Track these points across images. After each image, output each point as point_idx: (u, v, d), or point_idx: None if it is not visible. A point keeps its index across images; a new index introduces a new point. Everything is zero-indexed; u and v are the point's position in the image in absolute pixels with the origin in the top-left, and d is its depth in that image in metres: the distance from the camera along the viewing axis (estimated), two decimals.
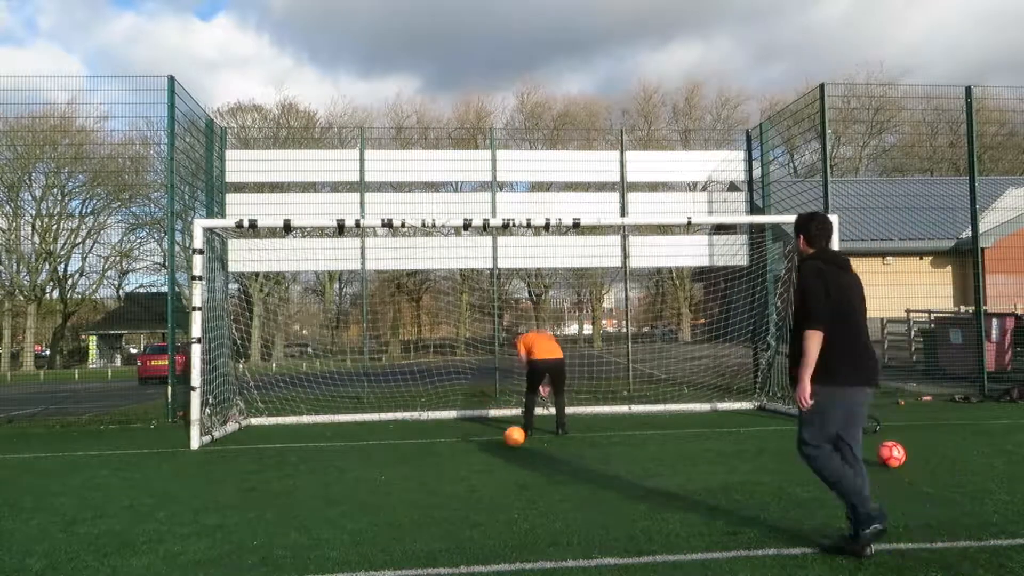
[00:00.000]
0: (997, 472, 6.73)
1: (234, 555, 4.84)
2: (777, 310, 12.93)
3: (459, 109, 54.67)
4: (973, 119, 13.57)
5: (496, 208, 14.06)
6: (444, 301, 16.95)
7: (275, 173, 14.77)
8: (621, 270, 14.63)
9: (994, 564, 4.29)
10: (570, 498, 6.15)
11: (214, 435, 10.37)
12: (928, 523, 5.11)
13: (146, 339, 49.95)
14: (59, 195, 49.74)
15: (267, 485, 7.05)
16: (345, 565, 4.57)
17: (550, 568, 4.42)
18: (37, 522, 5.83)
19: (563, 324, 34.77)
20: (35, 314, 50.04)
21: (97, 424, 12.49)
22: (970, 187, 13.55)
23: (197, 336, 10.13)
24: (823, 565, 4.32)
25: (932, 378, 14.78)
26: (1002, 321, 14.85)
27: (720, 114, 55.78)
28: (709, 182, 14.75)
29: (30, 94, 15.29)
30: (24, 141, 38.68)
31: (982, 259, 13.66)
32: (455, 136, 40.68)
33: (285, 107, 49.58)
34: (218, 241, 12.44)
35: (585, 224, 11.39)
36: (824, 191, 12.52)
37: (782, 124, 15.00)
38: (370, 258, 14.07)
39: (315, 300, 36.44)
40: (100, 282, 54.56)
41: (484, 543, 4.94)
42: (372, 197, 14.40)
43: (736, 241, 14.44)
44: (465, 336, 21.04)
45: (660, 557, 4.54)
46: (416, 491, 6.58)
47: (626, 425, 10.63)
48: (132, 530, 5.51)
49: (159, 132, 18.57)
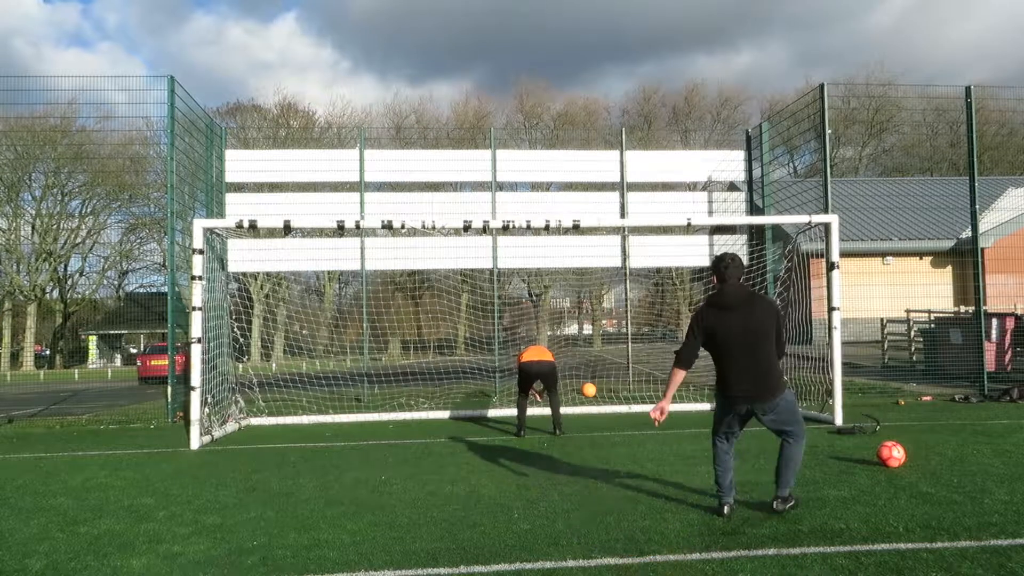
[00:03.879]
0: (997, 472, 6.73)
1: (234, 555, 4.84)
2: None
3: (458, 110, 54.65)
4: (973, 119, 13.56)
5: (496, 208, 14.06)
6: (444, 301, 16.91)
7: (275, 173, 14.78)
8: (621, 270, 14.63)
9: (994, 564, 4.29)
10: (570, 498, 6.15)
11: (214, 435, 10.37)
12: (928, 523, 5.12)
13: (146, 339, 49.95)
14: (59, 195, 49.77)
15: (267, 485, 7.04)
16: (345, 565, 4.58)
17: (550, 568, 4.43)
18: (37, 522, 5.83)
19: (563, 324, 34.72)
20: (35, 314, 50.06)
21: (97, 424, 12.49)
22: (970, 187, 13.55)
23: (197, 336, 10.13)
24: (823, 565, 4.32)
25: (932, 378, 14.78)
26: (1002, 321, 14.85)
27: (720, 114, 55.77)
28: (709, 182, 14.75)
29: (31, 94, 15.25)
30: (24, 141, 38.69)
31: (982, 259, 13.65)
32: (454, 136, 40.69)
33: (284, 107, 49.60)
34: (218, 241, 12.44)
35: (585, 225, 11.39)
36: (824, 191, 12.52)
37: (782, 124, 15.01)
38: (370, 258, 14.07)
39: (315, 300, 36.44)
40: (100, 282, 54.68)
41: (484, 543, 4.94)
42: (372, 197, 14.40)
43: (736, 241, 14.43)
44: (465, 336, 21.03)
45: (660, 557, 4.54)
46: (416, 491, 6.58)
47: (626, 425, 10.63)
48: (132, 530, 5.51)
49: (159, 132, 18.57)
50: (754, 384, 5.22)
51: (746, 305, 5.25)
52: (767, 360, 5.23)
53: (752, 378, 5.22)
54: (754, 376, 5.22)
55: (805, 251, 12.40)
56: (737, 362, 5.24)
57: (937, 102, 25.31)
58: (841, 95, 45.46)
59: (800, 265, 12.30)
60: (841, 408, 10.18)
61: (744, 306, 5.25)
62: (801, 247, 12.35)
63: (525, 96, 55.55)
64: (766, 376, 5.23)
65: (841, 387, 10.28)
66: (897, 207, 27.80)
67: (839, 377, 10.25)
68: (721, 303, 5.30)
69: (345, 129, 45.39)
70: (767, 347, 5.22)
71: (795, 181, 17.48)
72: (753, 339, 5.20)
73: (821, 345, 11.30)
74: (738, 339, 5.21)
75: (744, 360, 5.22)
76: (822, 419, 10.43)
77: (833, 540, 4.79)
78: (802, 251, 12.34)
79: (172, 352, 12.63)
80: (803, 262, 12.35)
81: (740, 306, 5.25)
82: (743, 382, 5.24)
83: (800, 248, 12.34)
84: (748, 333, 5.20)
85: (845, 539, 4.81)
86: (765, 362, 5.22)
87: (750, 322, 5.20)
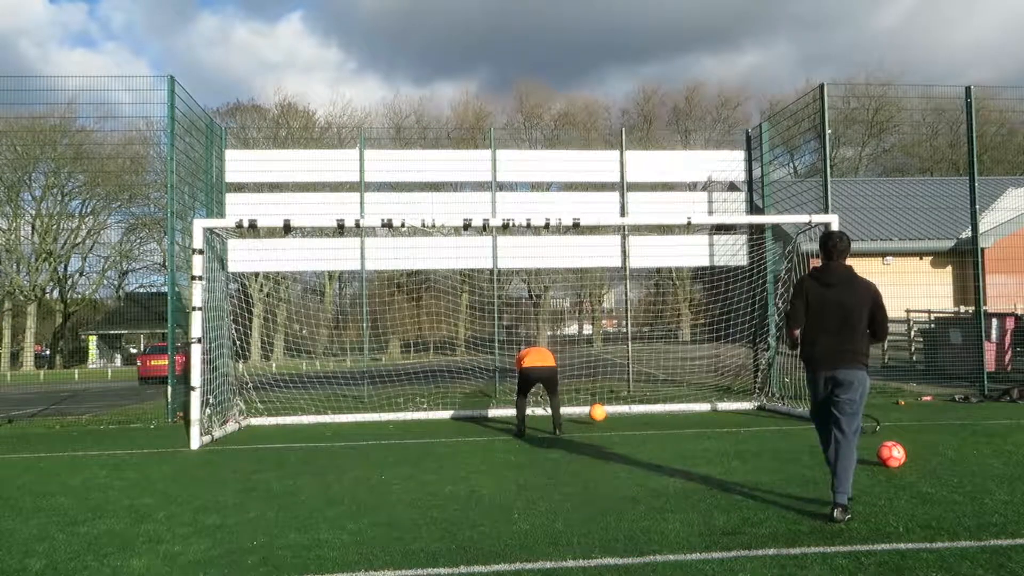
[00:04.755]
0: (997, 472, 6.73)
1: (234, 555, 4.84)
2: (777, 310, 12.92)
3: (459, 110, 54.66)
4: (973, 119, 13.56)
5: (496, 208, 14.05)
6: (444, 301, 16.91)
7: (275, 173, 14.77)
8: (621, 270, 14.63)
9: (994, 564, 4.29)
10: (570, 498, 6.15)
11: (214, 435, 10.37)
12: (928, 523, 5.12)
13: (146, 339, 49.95)
14: (59, 195, 49.76)
15: (267, 485, 7.05)
16: (345, 565, 4.57)
17: (550, 568, 4.42)
18: (37, 522, 5.83)
19: (563, 324, 34.71)
20: (35, 314, 50.05)
21: (97, 424, 12.49)
22: (970, 187, 13.55)
23: (197, 336, 10.13)
24: (823, 565, 4.32)
25: (932, 378, 14.78)
26: (1002, 321, 14.85)
27: (720, 114, 55.76)
28: (709, 182, 14.74)
29: (32, 94, 15.25)
30: (24, 141, 38.68)
31: (982, 259, 13.65)
32: (454, 136, 40.68)
33: (284, 107, 49.58)
34: (218, 241, 12.44)
35: (585, 224, 11.38)
36: (824, 191, 12.52)
37: (782, 124, 15.00)
38: (370, 258, 14.06)
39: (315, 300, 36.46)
40: (100, 282, 54.65)
41: (484, 543, 4.94)
42: (372, 197, 14.38)
43: (736, 241, 14.43)
44: (465, 336, 21.03)
45: (660, 557, 4.54)
46: (416, 491, 6.58)
47: (626, 425, 10.63)
48: (132, 530, 5.51)
49: (159, 132, 18.58)
50: (838, 356, 5.44)
51: (845, 284, 5.50)
52: (854, 338, 5.45)
53: (837, 352, 5.44)
54: (839, 351, 5.44)
55: (805, 251, 12.39)
56: (826, 335, 5.48)
57: (937, 102, 25.28)
58: (841, 95, 45.42)
59: (800, 265, 12.29)
60: None
61: (843, 284, 5.50)
62: (801, 247, 12.35)
63: (525, 96, 55.58)
64: (850, 352, 5.44)
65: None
66: (897, 207, 27.79)
67: None
68: (822, 279, 5.58)
69: (345, 129, 45.39)
70: (858, 326, 5.45)
71: (795, 181, 17.46)
72: (846, 316, 5.43)
73: None
74: (832, 314, 5.45)
75: (833, 335, 5.45)
76: None
77: (833, 540, 4.79)
78: (802, 251, 12.34)
79: (172, 352, 12.63)
80: (803, 262, 12.34)
81: (839, 284, 5.50)
82: (828, 355, 5.47)
83: (800, 248, 12.34)
84: (842, 309, 5.45)
85: (845, 539, 4.81)
86: (851, 339, 5.44)
87: (846, 300, 5.45)
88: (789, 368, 12.81)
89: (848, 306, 5.46)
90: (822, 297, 5.52)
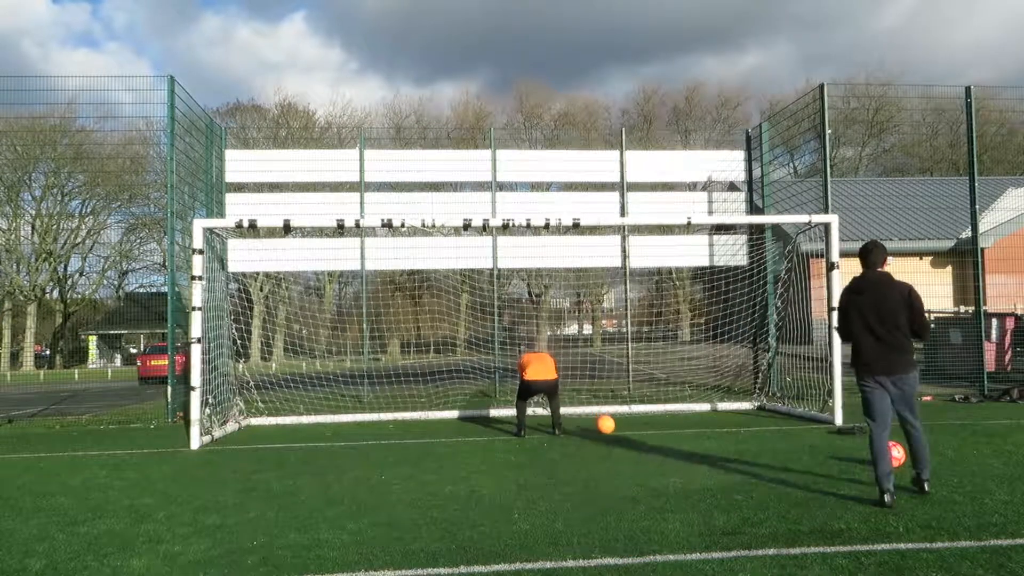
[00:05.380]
0: (997, 472, 6.73)
1: (234, 555, 4.84)
2: (777, 310, 12.92)
3: (459, 110, 54.64)
4: (973, 119, 13.56)
5: (496, 208, 14.05)
6: (444, 301, 16.90)
7: (275, 173, 14.77)
8: (621, 270, 14.63)
9: (994, 564, 4.29)
10: (570, 498, 6.15)
11: (214, 435, 10.37)
12: (928, 523, 5.12)
13: (146, 339, 49.94)
14: (59, 195, 49.75)
15: (267, 485, 7.05)
16: (345, 565, 4.57)
17: (550, 568, 4.42)
18: (37, 522, 5.83)
19: (563, 324, 34.72)
20: (35, 314, 50.04)
21: (97, 424, 12.50)
22: (970, 187, 13.55)
23: (197, 336, 10.13)
24: (823, 565, 4.32)
25: (932, 378, 14.78)
26: (1002, 321, 14.86)
27: (720, 114, 55.76)
28: (709, 182, 14.74)
29: (32, 94, 15.23)
30: (24, 141, 38.67)
31: (982, 259, 13.65)
32: (454, 136, 40.68)
33: (284, 107, 49.57)
34: (218, 241, 12.44)
35: (585, 224, 11.38)
36: (824, 191, 12.52)
37: (782, 124, 15.00)
38: (370, 258, 14.06)
39: (315, 300, 36.48)
40: (100, 282, 54.64)
41: (484, 543, 4.94)
42: (372, 197, 14.38)
43: (736, 241, 14.43)
44: (465, 336, 21.03)
45: (660, 557, 4.54)
46: (416, 491, 6.58)
47: (626, 425, 10.63)
48: (132, 530, 5.51)
49: (159, 132, 18.59)
50: (884, 359, 5.78)
51: (876, 289, 5.83)
52: (896, 339, 5.76)
53: (881, 353, 5.78)
54: (882, 352, 5.78)
55: (805, 251, 12.40)
56: (868, 339, 5.82)
57: (937, 102, 25.28)
58: (841, 95, 45.42)
59: (800, 265, 12.30)
60: (841, 408, 10.18)
61: (872, 289, 5.84)
62: (801, 247, 12.35)
63: (525, 96, 55.57)
64: (896, 352, 5.77)
65: (841, 387, 10.28)
66: (897, 207, 27.82)
67: (839, 377, 10.25)
68: (854, 287, 5.99)
69: (345, 129, 45.38)
70: (897, 327, 5.75)
71: (795, 181, 17.47)
72: (883, 319, 5.76)
73: (821, 345, 11.31)
74: (870, 318, 5.80)
75: (873, 338, 5.80)
76: (822, 419, 10.43)
77: (833, 540, 4.79)
78: (802, 251, 12.34)
79: (172, 352, 12.63)
80: (803, 262, 12.35)
81: (869, 289, 5.85)
82: (875, 359, 5.81)
83: (800, 248, 12.34)
84: (878, 313, 5.78)
85: (845, 539, 4.81)
86: (892, 340, 5.76)
87: (881, 304, 5.78)
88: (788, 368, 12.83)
89: (880, 309, 5.77)
90: (855, 304, 5.90)
